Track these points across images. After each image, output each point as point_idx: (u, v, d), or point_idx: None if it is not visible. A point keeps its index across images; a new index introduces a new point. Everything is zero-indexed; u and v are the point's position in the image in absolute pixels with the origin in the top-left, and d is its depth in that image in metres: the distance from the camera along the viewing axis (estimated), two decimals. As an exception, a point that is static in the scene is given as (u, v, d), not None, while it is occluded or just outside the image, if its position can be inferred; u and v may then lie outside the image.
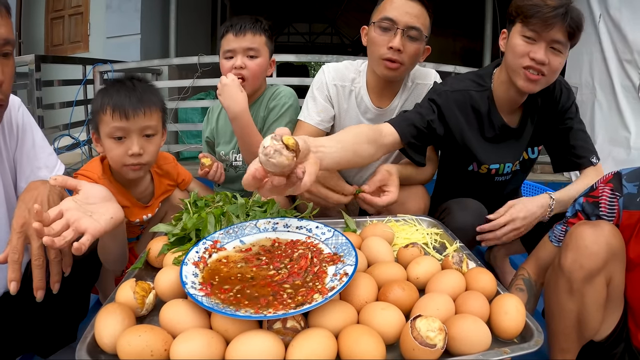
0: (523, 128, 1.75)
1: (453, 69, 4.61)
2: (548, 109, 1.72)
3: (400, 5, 1.75)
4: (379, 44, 1.76)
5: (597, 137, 4.67)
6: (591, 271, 1.11)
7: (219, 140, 2.16)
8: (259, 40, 1.93)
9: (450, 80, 1.81)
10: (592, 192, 1.26)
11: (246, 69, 1.89)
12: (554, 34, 1.46)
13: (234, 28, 1.91)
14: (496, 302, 0.92)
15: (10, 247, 1.00)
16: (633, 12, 4.27)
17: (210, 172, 1.86)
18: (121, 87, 1.45)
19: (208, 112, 2.25)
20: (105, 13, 6.22)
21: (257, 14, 2.02)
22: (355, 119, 1.96)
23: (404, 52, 1.73)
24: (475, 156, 1.75)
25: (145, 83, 1.53)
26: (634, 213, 1.17)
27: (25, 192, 1.12)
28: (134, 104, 1.42)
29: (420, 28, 1.74)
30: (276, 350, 0.71)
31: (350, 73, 1.95)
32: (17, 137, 1.33)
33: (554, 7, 1.43)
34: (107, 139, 1.43)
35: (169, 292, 0.90)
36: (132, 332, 0.73)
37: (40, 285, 1.01)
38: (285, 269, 0.92)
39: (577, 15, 1.46)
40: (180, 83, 4.70)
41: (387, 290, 0.91)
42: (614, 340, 1.23)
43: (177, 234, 1.09)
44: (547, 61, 1.49)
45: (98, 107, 1.44)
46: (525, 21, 1.49)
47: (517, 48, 1.53)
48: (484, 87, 1.72)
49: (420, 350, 0.74)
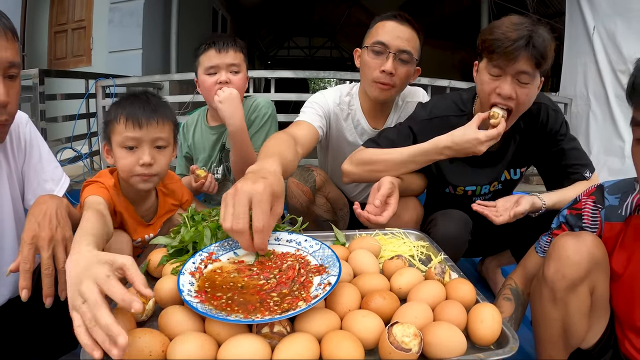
0: (505, 150, 1.76)
1: (448, 83, 4.69)
2: (533, 133, 1.72)
3: (391, 30, 1.82)
4: (372, 67, 1.84)
5: (592, 147, 4.76)
6: (573, 280, 1.13)
7: (197, 155, 2.22)
8: (239, 57, 2.01)
9: (432, 103, 1.82)
10: (576, 205, 1.28)
11: (231, 83, 1.96)
12: (519, 67, 1.44)
13: (217, 45, 1.98)
14: (473, 311, 0.97)
15: (21, 257, 1.07)
16: (627, 23, 4.35)
17: (206, 183, 1.90)
18: (135, 100, 1.49)
19: (182, 128, 2.29)
20: (107, 28, 6.35)
21: (258, 28, 2.13)
22: (352, 140, 2.03)
23: (395, 75, 1.82)
24: (449, 181, 1.81)
25: (158, 98, 1.58)
26: (615, 225, 1.21)
27: (35, 206, 1.18)
28: (148, 113, 1.46)
29: (411, 51, 1.82)
30: (263, 352, 0.78)
31: (345, 97, 2.03)
32: (24, 151, 1.39)
33: (515, 39, 1.41)
34: (119, 148, 1.46)
35: (167, 299, 0.96)
36: (132, 335, 0.79)
37: (49, 292, 1.07)
38: (274, 278, 0.98)
39: (540, 43, 1.42)
40: (181, 98, 4.80)
41: (369, 299, 0.97)
42: (602, 348, 1.25)
43: (176, 246, 1.16)
44: (515, 95, 1.49)
45: (112, 117, 1.48)
46: (489, 56, 1.49)
47: (484, 86, 1.54)
48: (464, 112, 1.74)
49: (396, 354, 0.80)
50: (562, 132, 1.72)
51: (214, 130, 2.18)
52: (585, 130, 4.89)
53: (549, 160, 1.78)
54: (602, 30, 4.62)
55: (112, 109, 1.50)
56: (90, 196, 1.36)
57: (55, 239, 1.11)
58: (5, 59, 1.09)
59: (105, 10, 6.34)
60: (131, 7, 6.22)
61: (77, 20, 6.67)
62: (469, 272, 2.34)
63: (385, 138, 1.76)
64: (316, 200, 2.03)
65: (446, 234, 1.61)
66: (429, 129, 1.71)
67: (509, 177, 1.85)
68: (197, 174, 1.88)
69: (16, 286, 1.30)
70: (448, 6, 10.91)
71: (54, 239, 1.11)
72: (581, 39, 4.90)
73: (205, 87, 2.00)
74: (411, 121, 1.78)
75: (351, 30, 14.97)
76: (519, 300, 1.38)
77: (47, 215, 1.14)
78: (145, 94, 1.54)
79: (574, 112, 5.06)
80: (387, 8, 8.27)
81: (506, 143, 1.75)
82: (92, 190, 1.41)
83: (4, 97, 1.10)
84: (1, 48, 1.07)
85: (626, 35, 4.36)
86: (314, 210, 2.04)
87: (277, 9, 12.94)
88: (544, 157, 1.78)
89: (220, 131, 2.16)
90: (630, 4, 4.30)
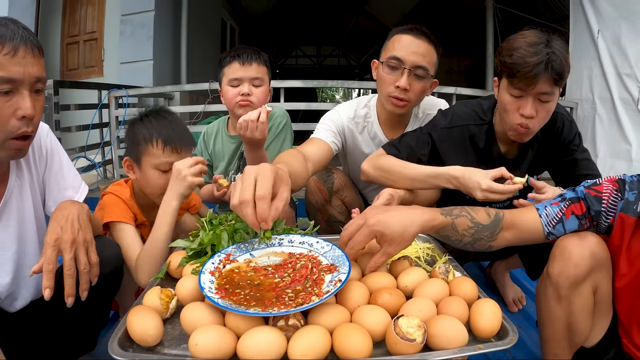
0: (522, 158, 1.79)
1: (454, 90, 4.73)
2: (549, 141, 1.75)
3: (407, 45, 1.82)
4: (387, 82, 1.85)
5: (599, 151, 4.75)
6: (576, 279, 1.17)
7: (217, 163, 2.28)
8: (262, 70, 2.08)
9: (452, 112, 1.82)
10: (596, 187, 1.24)
11: (253, 95, 2.04)
12: (540, 88, 1.48)
13: (241, 57, 2.05)
14: (475, 306, 1.03)
15: (45, 258, 1.13)
16: (631, 26, 4.34)
17: (228, 192, 1.91)
18: (165, 122, 1.60)
19: (203, 136, 2.36)
20: (118, 39, 6.44)
21: (265, 37, 2.20)
22: (369, 152, 2.05)
23: (410, 91, 1.82)
24: None
25: (177, 116, 1.69)
26: (629, 218, 1.22)
27: (57, 211, 1.26)
28: (186, 140, 1.60)
29: (426, 67, 1.82)
30: (279, 343, 0.85)
31: (361, 109, 2.06)
32: (45, 160, 1.45)
33: (535, 64, 1.44)
34: (152, 170, 1.58)
35: (188, 296, 1.04)
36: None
37: (70, 292, 1.14)
38: (289, 277, 1.06)
39: (559, 64, 1.45)
40: (192, 108, 4.90)
41: (377, 296, 1.04)
42: (605, 347, 1.29)
43: (195, 249, 1.23)
44: (535, 113, 1.53)
45: (145, 138, 1.57)
46: (510, 80, 1.52)
47: (507, 106, 1.57)
48: (484, 121, 1.76)
49: (401, 344, 0.87)
50: (575, 142, 1.76)
51: (234, 139, 2.23)
52: (591, 134, 4.88)
53: (562, 169, 1.81)
54: (606, 34, 4.63)
55: (142, 128, 1.59)
56: (124, 225, 1.53)
57: (77, 242, 1.18)
58: (33, 74, 1.16)
59: (116, 22, 6.45)
60: (142, 19, 6.31)
61: (89, 32, 6.78)
62: (478, 276, 2.39)
63: (405, 144, 1.79)
64: (332, 201, 2.08)
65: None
66: (448, 136, 1.76)
67: (526, 185, 1.88)
68: (219, 183, 1.89)
69: (38, 289, 1.39)
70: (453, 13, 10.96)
71: (76, 241, 1.18)
72: (586, 42, 4.89)
73: (228, 97, 2.09)
74: (431, 128, 1.80)
75: (358, 38, 15.08)
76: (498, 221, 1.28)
77: (70, 220, 1.21)
78: (168, 113, 1.65)
79: (580, 116, 5.04)
80: (394, 16, 8.34)
81: (524, 150, 1.78)
82: (118, 214, 1.55)
83: (31, 110, 1.17)
84: (29, 64, 1.14)
85: (630, 38, 4.36)
86: (328, 210, 2.09)
87: (285, 18, 13.09)
88: (557, 165, 1.82)
89: (239, 140, 2.19)
90: (633, 7, 4.30)
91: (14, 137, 1.18)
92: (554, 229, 1.24)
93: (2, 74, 1.10)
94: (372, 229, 1.12)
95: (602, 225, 1.24)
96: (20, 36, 1.12)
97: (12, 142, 1.19)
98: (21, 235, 1.36)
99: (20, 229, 1.36)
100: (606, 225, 1.24)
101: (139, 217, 1.66)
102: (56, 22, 6.75)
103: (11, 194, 1.33)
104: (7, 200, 1.31)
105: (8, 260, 1.33)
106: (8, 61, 1.10)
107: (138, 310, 0.94)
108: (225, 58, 2.10)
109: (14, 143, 1.19)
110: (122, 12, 6.40)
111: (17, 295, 1.38)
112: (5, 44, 1.10)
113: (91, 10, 6.75)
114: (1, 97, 1.13)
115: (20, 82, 1.14)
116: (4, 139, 1.17)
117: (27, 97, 1.16)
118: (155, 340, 0.91)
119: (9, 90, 1.13)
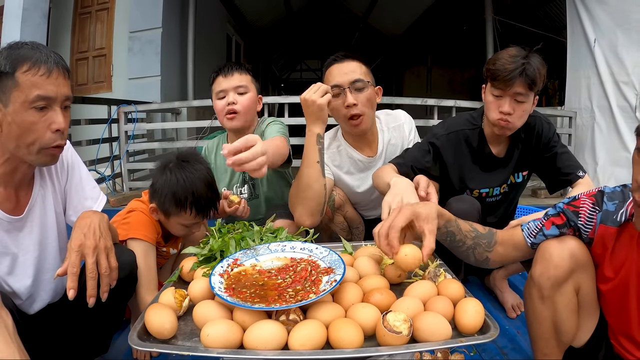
0: (510, 157, 2.06)
1: (454, 103, 4.83)
2: (531, 142, 2.02)
3: (337, 71, 2.02)
4: (338, 109, 2.02)
5: (599, 159, 4.74)
6: (557, 279, 1.24)
7: (219, 177, 2.30)
8: (245, 78, 2.15)
9: (448, 122, 2.12)
10: (574, 202, 1.32)
11: (238, 103, 2.10)
12: (515, 89, 1.79)
13: (223, 71, 2.14)
14: (459, 304, 1.13)
15: (69, 262, 1.24)
16: (627, 34, 4.37)
17: (240, 208, 1.95)
18: (198, 182, 1.66)
19: (204, 152, 2.41)
20: (127, 55, 6.52)
21: (270, 52, 2.31)
22: (355, 172, 2.22)
23: (358, 104, 1.98)
24: (467, 184, 2.05)
25: (206, 164, 1.77)
26: (609, 229, 1.27)
27: (80, 220, 1.36)
28: (214, 201, 1.72)
29: (361, 78, 1.99)
30: (281, 335, 0.96)
31: (334, 142, 2.21)
32: (67, 172, 1.57)
33: (511, 70, 1.76)
34: (179, 225, 1.71)
35: (199, 296, 1.16)
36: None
37: (92, 293, 1.23)
38: (290, 278, 1.17)
39: (532, 72, 1.77)
40: (199, 124, 5.00)
41: (369, 295, 1.15)
42: (594, 347, 1.34)
43: (205, 254, 1.35)
44: (512, 111, 1.82)
45: (177, 202, 1.65)
46: (492, 82, 1.84)
47: (490, 105, 1.89)
48: (476, 125, 2.05)
49: (389, 336, 0.98)
50: (554, 139, 2.02)
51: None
52: (590, 143, 4.88)
53: (546, 164, 2.06)
54: (603, 43, 4.65)
55: (174, 187, 1.65)
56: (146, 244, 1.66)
57: (99, 248, 1.28)
58: (64, 94, 1.30)
59: (124, 38, 6.57)
60: (150, 35, 6.43)
61: (98, 48, 6.86)
62: (478, 289, 2.44)
63: (411, 156, 2.01)
64: (335, 218, 2.19)
65: (459, 207, 1.84)
66: (447, 142, 2.04)
67: (514, 180, 2.12)
68: (230, 200, 1.93)
69: (55, 292, 1.50)
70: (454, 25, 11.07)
71: (97, 247, 1.28)
72: (583, 52, 4.91)
73: (217, 110, 2.16)
74: (432, 137, 2.05)
75: (361, 51, 15.15)
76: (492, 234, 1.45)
77: (92, 228, 1.32)
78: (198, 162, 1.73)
79: (579, 125, 5.04)
80: (396, 30, 8.45)
81: (511, 150, 2.05)
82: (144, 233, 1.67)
83: (64, 124, 1.31)
84: (61, 85, 1.29)
85: (627, 46, 4.39)
86: (332, 227, 2.20)
87: (289, 33, 13.26)
88: (541, 161, 2.07)
89: None
90: (629, 15, 4.33)
91: (49, 148, 1.31)
92: (535, 238, 1.35)
93: (40, 92, 1.24)
94: (409, 211, 1.30)
95: (583, 236, 1.31)
96: (53, 59, 1.27)
97: (48, 150, 1.32)
98: (43, 241, 1.47)
99: (42, 235, 1.47)
100: (586, 236, 1.30)
101: (158, 237, 1.77)
102: (66, 38, 6.84)
103: (35, 202, 1.44)
104: (31, 207, 1.43)
105: (30, 264, 1.43)
106: (44, 81, 1.25)
107: (155, 307, 1.06)
108: (211, 76, 2.19)
109: (49, 151, 1.32)
110: (130, 29, 6.51)
111: (36, 297, 1.48)
112: (41, 66, 1.24)
113: (100, 26, 6.85)
114: (37, 113, 1.26)
115: (53, 99, 1.28)
116: (39, 149, 1.30)
117: (60, 113, 1.30)
118: (171, 333, 1.03)
119: (44, 107, 1.27)
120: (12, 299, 1.41)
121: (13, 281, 1.40)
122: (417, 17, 10.85)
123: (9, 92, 1.23)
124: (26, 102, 1.24)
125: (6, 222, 1.35)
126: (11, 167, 1.35)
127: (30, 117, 1.25)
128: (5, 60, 1.23)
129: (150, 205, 1.72)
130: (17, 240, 1.40)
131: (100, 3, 6.81)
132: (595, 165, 4.81)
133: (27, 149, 1.29)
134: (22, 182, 1.41)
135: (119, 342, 1.86)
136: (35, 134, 1.27)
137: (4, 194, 1.35)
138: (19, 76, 1.23)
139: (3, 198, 1.35)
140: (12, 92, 1.23)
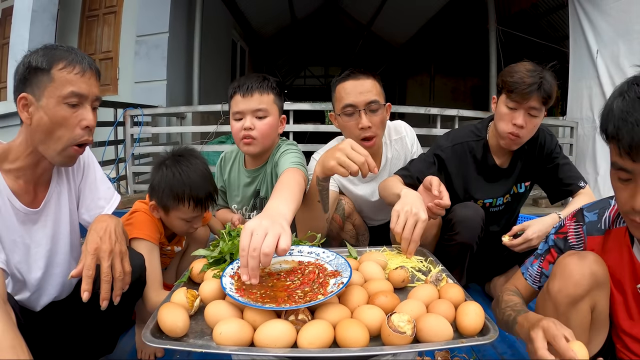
0: (513, 168, 2.11)
1: (456, 112, 4.89)
2: (534, 153, 2.07)
3: (352, 89, 2.00)
4: (351, 128, 2.04)
5: (600, 168, 4.80)
6: (575, 297, 1.21)
7: (231, 192, 2.25)
8: (267, 100, 1.91)
9: (453, 134, 2.18)
10: (561, 229, 1.38)
11: (255, 129, 1.90)
12: (531, 103, 1.87)
13: (241, 89, 1.90)
14: (460, 307, 1.17)
15: (85, 265, 1.28)
16: (629, 45, 4.43)
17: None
18: (195, 175, 1.72)
19: (220, 160, 2.27)
20: (133, 59, 6.63)
21: (275, 58, 2.30)
22: (360, 184, 2.26)
23: (372, 126, 2.00)
24: (471, 195, 2.10)
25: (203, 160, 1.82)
26: (596, 238, 1.30)
27: (96, 223, 1.42)
28: (212, 194, 1.78)
29: (376, 99, 2.00)
30: (290, 333, 1.00)
31: None
32: (82, 172, 1.62)
33: (530, 84, 1.83)
34: (179, 220, 1.76)
35: (210, 296, 1.20)
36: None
37: (105, 296, 1.28)
38: (298, 280, 1.21)
39: (548, 87, 1.85)
40: (205, 129, 5.08)
41: (374, 298, 1.19)
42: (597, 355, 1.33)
43: (215, 257, 1.39)
44: (525, 124, 1.88)
45: (175, 196, 1.71)
46: (508, 94, 1.87)
47: (504, 117, 1.93)
48: (481, 137, 2.10)
49: (393, 336, 1.02)
50: (556, 151, 2.09)
51: (249, 173, 2.13)
52: (592, 152, 4.95)
53: (548, 175, 2.12)
54: (605, 53, 4.73)
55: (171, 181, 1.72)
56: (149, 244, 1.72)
57: (114, 252, 1.33)
58: (94, 94, 1.38)
59: (131, 42, 6.67)
60: (156, 40, 6.53)
61: (105, 51, 6.97)
62: (479, 295, 2.48)
63: (416, 168, 2.06)
64: (345, 226, 2.23)
65: (463, 213, 1.92)
66: (452, 153, 2.09)
67: (517, 191, 2.17)
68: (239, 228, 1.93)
69: (63, 288, 1.55)
70: (457, 35, 11.14)
71: (113, 251, 1.33)
72: (585, 62, 5.00)
73: (233, 131, 1.98)
74: (437, 149, 2.11)
75: (365, 59, 15.27)
76: (520, 296, 1.44)
77: (108, 232, 1.37)
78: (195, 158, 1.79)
79: (580, 135, 5.11)
80: (400, 38, 8.55)
81: (514, 161, 2.11)
82: (147, 233, 1.72)
83: (93, 122, 1.39)
84: (92, 85, 1.37)
85: (629, 57, 4.44)
86: (342, 236, 2.24)
87: (293, 39, 13.34)
88: (543, 172, 2.13)
89: (254, 175, 2.11)
90: (631, 27, 4.40)
91: (76, 144, 1.37)
92: (540, 282, 1.42)
93: (74, 89, 1.32)
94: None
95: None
96: (87, 61, 1.36)
97: (71, 149, 1.38)
98: (55, 236, 1.52)
99: (55, 230, 1.52)
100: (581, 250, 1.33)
101: (161, 237, 1.82)
102: (73, 41, 6.91)
103: (51, 198, 1.49)
104: (47, 202, 1.48)
105: (42, 257, 1.48)
106: (78, 79, 1.32)
107: (168, 306, 1.10)
108: (230, 89, 1.98)
109: (73, 150, 1.38)
110: (137, 32, 6.61)
111: (44, 291, 1.52)
112: (76, 65, 1.32)
113: (107, 30, 6.94)
114: (69, 109, 1.33)
115: (85, 97, 1.35)
116: (66, 145, 1.36)
117: (90, 111, 1.37)
118: (183, 331, 1.06)
119: (76, 104, 1.34)
120: (21, 290, 1.46)
121: (25, 271, 1.44)
122: (420, 25, 10.95)
123: (43, 87, 1.30)
124: (60, 98, 1.31)
125: (22, 214, 1.40)
126: (33, 161, 1.40)
127: (63, 111, 1.32)
128: (42, 58, 1.30)
129: (150, 203, 1.77)
130: (31, 232, 1.44)
131: (108, 6, 6.91)
132: (596, 175, 4.86)
133: (53, 144, 1.35)
134: (41, 178, 1.46)
135: (124, 342, 1.89)
136: (65, 128, 1.34)
137: (23, 187, 1.40)
138: (55, 73, 1.30)
139: (22, 191, 1.40)
140: (47, 87, 1.30)
